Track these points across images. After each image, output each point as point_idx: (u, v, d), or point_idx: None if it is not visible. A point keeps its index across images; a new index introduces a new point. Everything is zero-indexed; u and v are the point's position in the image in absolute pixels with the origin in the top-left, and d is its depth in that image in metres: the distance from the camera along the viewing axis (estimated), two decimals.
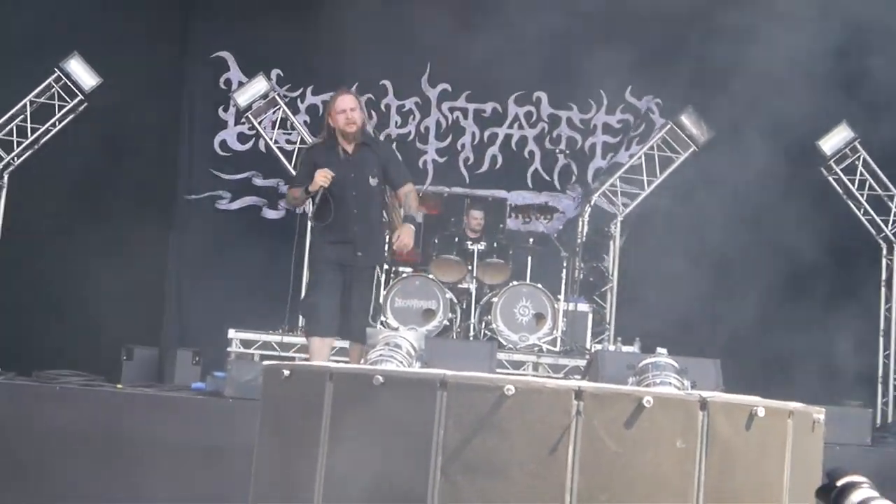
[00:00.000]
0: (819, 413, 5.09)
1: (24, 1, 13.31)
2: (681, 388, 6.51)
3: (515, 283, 11.97)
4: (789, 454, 4.68)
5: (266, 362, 6.88)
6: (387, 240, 9.28)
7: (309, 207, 8.59)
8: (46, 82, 12.38)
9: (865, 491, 3.33)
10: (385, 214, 8.81)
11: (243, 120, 13.85)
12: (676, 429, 4.37)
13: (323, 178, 8.04)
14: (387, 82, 14.64)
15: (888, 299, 12.75)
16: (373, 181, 8.29)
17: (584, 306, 12.29)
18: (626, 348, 11.55)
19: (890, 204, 12.64)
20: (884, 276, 12.81)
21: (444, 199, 13.32)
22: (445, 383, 4.48)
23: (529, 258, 12.32)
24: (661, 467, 4.39)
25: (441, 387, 4.46)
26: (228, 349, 11.11)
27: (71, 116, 12.65)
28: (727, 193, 12.85)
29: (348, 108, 8.08)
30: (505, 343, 11.44)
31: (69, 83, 12.38)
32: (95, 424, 7.49)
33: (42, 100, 12.53)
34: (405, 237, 8.26)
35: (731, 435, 4.50)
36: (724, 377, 8.94)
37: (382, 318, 10.98)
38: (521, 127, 14.66)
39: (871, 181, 12.49)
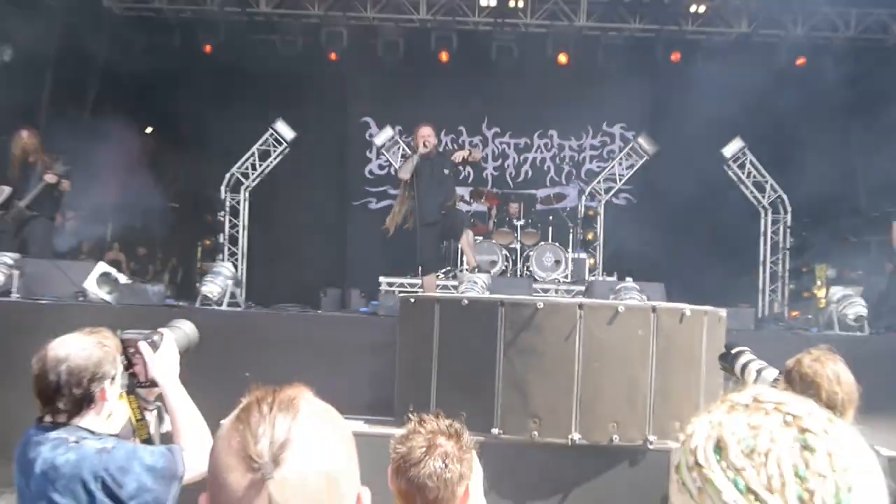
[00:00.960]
0: (723, 312, 5.50)
1: (249, 82, 14.24)
2: (640, 301, 7.36)
3: (543, 242, 12.47)
4: (704, 337, 5.18)
5: (401, 294, 7.47)
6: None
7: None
8: (264, 136, 13.21)
9: (749, 356, 4.02)
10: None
11: (380, 155, 14.99)
12: (638, 323, 4.98)
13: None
14: (462, 127, 15.64)
15: (764, 242, 13.22)
16: (446, 171, 8.77)
17: (583, 255, 12.81)
18: (608, 279, 12.04)
19: (766, 186, 13.06)
20: (762, 229, 13.30)
21: (499, 196, 13.55)
22: (504, 303, 5.07)
23: (550, 228, 12.85)
24: (629, 346, 4.98)
25: (501, 305, 5.04)
26: (380, 288, 11.49)
27: (280, 157, 13.49)
28: (669, 183, 13.45)
29: (426, 135, 8.64)
30: (537, 279, 11.70)
31: (278, 136, 13.16)
32: (305, 334, 7.44)
33: (263, 147, 13.35)
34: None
35: (670, 326, 5.05)
36: (666, 294, 9.24)
37: (466, 266, 10.61)
38: (540, 151, 15.89)
39: (754, 172, 12.95)
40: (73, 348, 2.58)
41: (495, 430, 4.93)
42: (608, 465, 4.99)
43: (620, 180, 13.98)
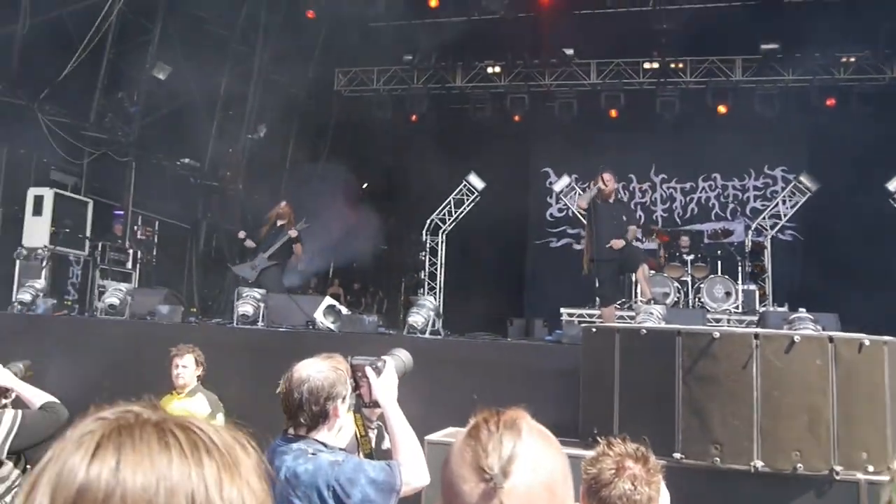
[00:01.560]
0: None
1: (447, 143, 14.49)
2: (815, 331, 6.43)
3: (713, 275, 11.66)
4: (886, 367, 4.54)
5: (583, 324, 7.15)
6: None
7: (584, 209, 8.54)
8: (459, 188, 13.43)
9: None
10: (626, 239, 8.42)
11: (558, 200, 14.95)
12: (815, 353, 4.38)
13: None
14: (632, 175, 15.28)
15: None
16: (616, 243, 8.19)
17: (753, 287, 11.88)
18: (780, 309, 10.62)
19: None
20: None
21: (668, 234, 12.71)
22: (680, 332, 4.60)
23: (719, 261, 12.01)
24: (808, 375, 4.38)
25: (678, 334, 4.59)
26: (561, 318, 11.13)
27: (472, 204, 13.61)
28: (834, 219, 12.69)
29: (607, 178, 8.27)
30: (709, 310, 10.95)
31: (470, 186, 13.34)
32: (497, 359, 6.87)
33: (458, 196, 13.59)
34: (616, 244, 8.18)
35: (849, 356, 4.45)
36: (841, 324, 8.29)
37: (641, 298, 9.92)
38: (705, 191, 15.16)
39: None
40: (313, 371, 2.62)
41: (677, 455, 4.43)
42: (793, 494, 4.37)
43: (785, 217, 12.97)
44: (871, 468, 4.29)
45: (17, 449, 3.39)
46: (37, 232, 8.91)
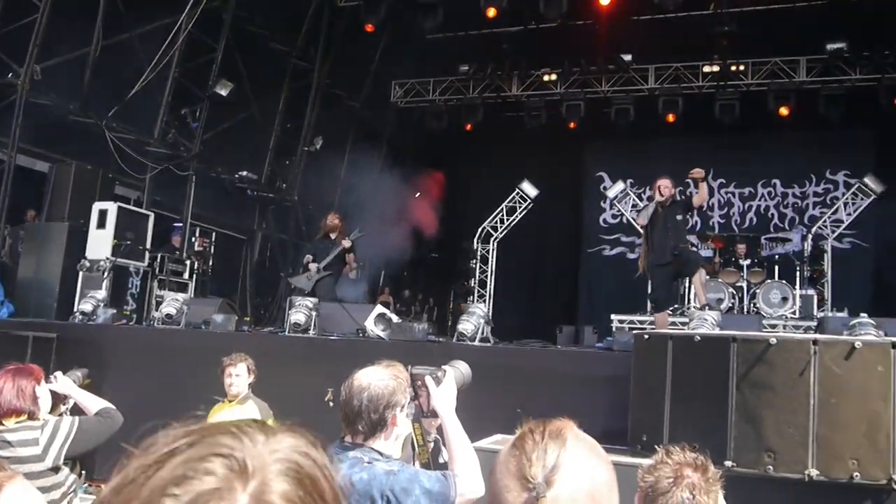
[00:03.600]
0: None
1: (501, 150, 14.82)
2: (878, 337, 6.35)
3: (769, 280, 11.32)
4: None
5: (635, 331, 6.83)
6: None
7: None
8: (512, 195, 13.30)
9: None
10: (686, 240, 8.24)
11: (612, 206, 14.74)
12: (877, 359, 4.27)
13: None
14: (689, 180, 15.75)
15: None
16: (678, 217, 8.07)
17: (811, 291, 11.55)
18: (839, 315, 10.34)
19: None
20: None
21: (724, 239, 12.36)
22: (735, 339, 4.52)
23: (776, 266, 11.67)
24: (869, 382, 4.26)
25: (733, 341, 4.50)
26: (612, 325, 10.93)
27: (525, 211, 13.44)
28: None
29: (664, 185, 8.09)
30: (765, 315, 10.51)
31: (523, 194, 13.23)
32: (546, 367, 6.88)
33: (510, 204, 13.44)
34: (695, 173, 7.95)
35: None
36: None
37: (695, 304, 9.96)
38: (764, 199, 14.82)
39: None
40: (374, 379, 2.61)
41: (728, 463, 4.32)
42: (849, 503, 4.27)
43: (846, 221, 12.57)
44: None
45: (73, 455, 3.44)
46: (100, 244, 9.17)
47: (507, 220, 13.60)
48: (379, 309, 7.60)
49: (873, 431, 4.22)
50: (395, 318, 7.53)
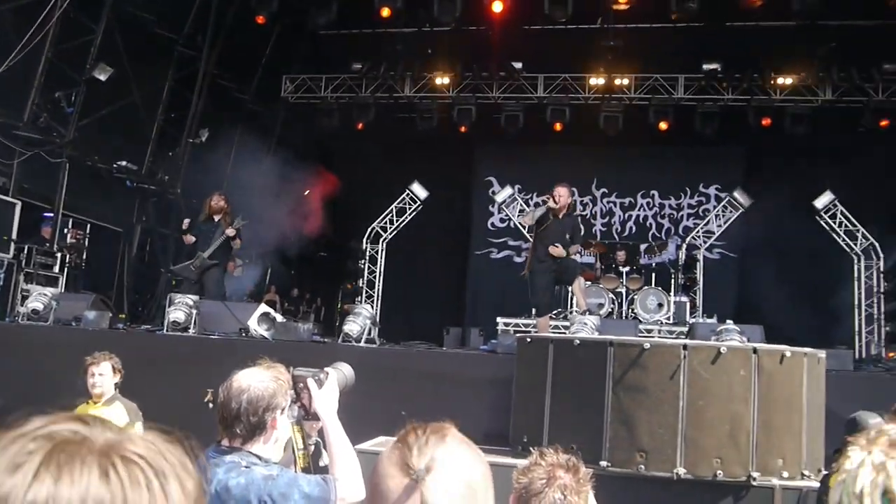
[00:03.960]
0: (822, 354, 4.96)
1: (392, 151, 14.61)
2: (741, 343, 6.61)
3: (646, 287, 11.88)
4: (805, 377, 4.64)
5: (518, 334, 7.11)
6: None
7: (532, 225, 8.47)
8: (402, 196, 13.41)
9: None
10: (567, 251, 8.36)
11: (500, 210, 14.86)
12: (740, 364, 4.47)
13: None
14: (574, 188, 15.77)
15: (858, 287, 12.40)
16: (555, 250, 8.18)
17: (684, 299, 12.10)
18: (709, 321, 10.90)
19: (857, 235, 12.32)
20: (855, 275, 12.50)
21: (606, 246, 12.94)
22: (612, 343, 4.65)
23: (653, 273, 12.24)
24: (732, 385, 4.45)
25: (610, 345, 4.62)
26: (497, 327, 11.05)
27: (414, 213, 13.58)
28: (765, 235, 12.98)
29: (558, 193, 8.14)
30: (642, 321, 11.08)
31: (413, 195, 13.32)
32: (431, 368, 7.01)
33: (400, 205, 13.56)
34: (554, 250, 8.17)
35: (771, 367, 4.52)
36: (766, 336, 8.35)
37: (576, 309, 9.65)
38: (643, 210, 15.47)
39: (846, 222, 12.26)
40: (254, 380, 2.54)
41: (603, 463, 4.47)
42: (712, 500, 4.44)
43: (716, 233, 13.36)
44: (786, 474, 4.41)
45: None
46: None
47: (397, 220, 13.61)
48: (263, 308, 7.44)
49: (735, 432, 4.43)
50: (279, 318, 7.38)
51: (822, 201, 11.97)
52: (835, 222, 12.23)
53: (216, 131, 13.31)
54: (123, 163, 11.89)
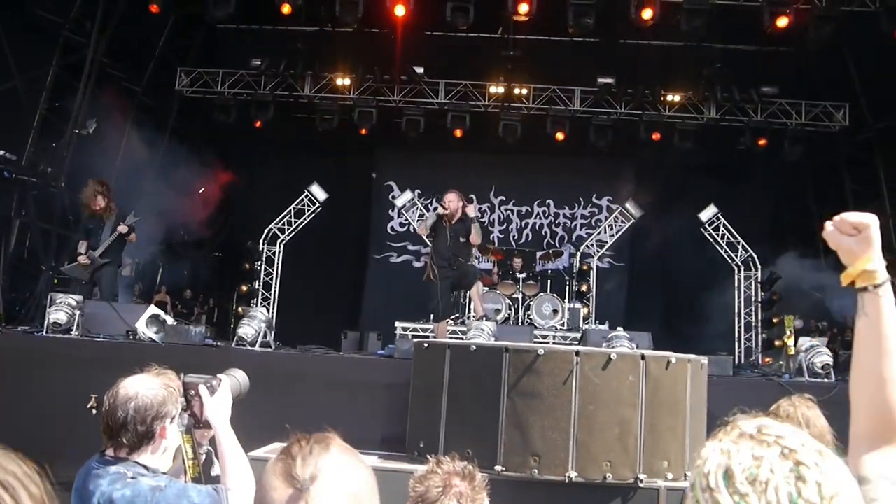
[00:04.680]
0: (704, 360, 5.16)
1: (291, 152, 14.52)
2: (631, 349, 6.82)
3: (542, 293, 12.05)
4: (689, 382, 4.80)
5: (415, 339, 6.63)
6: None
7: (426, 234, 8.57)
8: (301, 197, 13.13)
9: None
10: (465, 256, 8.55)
11: (400, 215, 14.98)
12: (629, 370, 4.60)
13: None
14: (472, 195, 15.01)
15: (738, 296, 13.00)
16: (461, 239, 8.31)
17: (578, 305, 12.29)
18: (601, 327, 11.33)
19: (738, 246, 12.89)
20: (736, 284, 13.11)
21: (504, 252, 12.97)
22: (508, 349, 4.69)
23: (549, 280, 12.51)
24: (621, 390, 4.58)
25: (506, 351, 4.67)
26: (395, 332, 10.94)
27: (313, 214, 13.31)
28: (653, 246, 13.57)
29: (447, 199, 8.30)
30: (537, 326, 11.27)
31: (312, 197, 13.06)
32: (328, 373, 6.94)
33: (299, 206, 13.26)
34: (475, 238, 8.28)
35: (658, 373, 4.67)
36: (653, 343, 8.64)
37: (474, 314, 9.82)
38: (539, 218, 15.86)
39: (728, 234, 12.79)
40: (142, 388, 2.47)
41: (498, 467, 4.51)
42: (602, 501, 4.56)
43: (609, 243, 13.74)
44: (670, 475, 4.57)
45: None
46: None
47: (296, 222, 13.37)
48: (152, 310, 7.13)
49: (624, 435, 4.57)
50: (170, 320, 7.09)
51: (706, 214, 12.48)
52: (718, 234, 12.80)
53: (105, 123, 12.66)
54: (1, 152, 11.14)
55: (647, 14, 11.21)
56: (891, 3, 11.06)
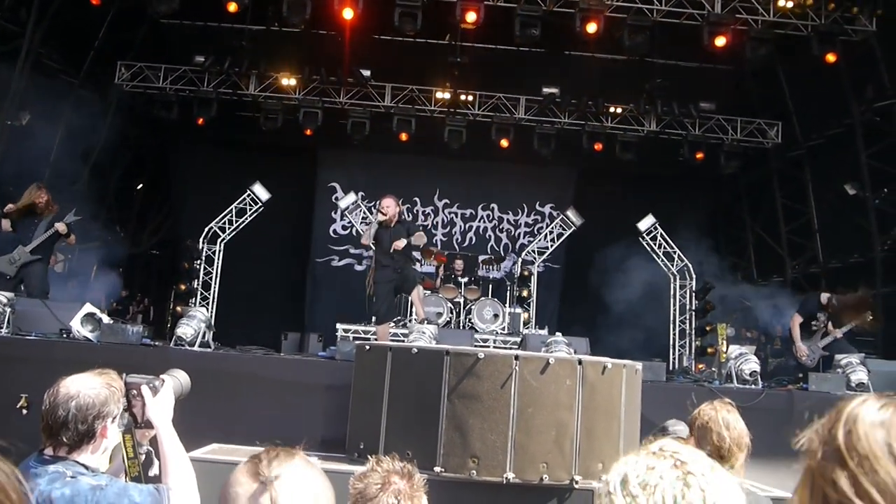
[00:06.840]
0: (639, 366, 5.23)
1: (234, 150, 14.45)
2: (569, 354, 6.93)
3: (483, 298, 12.09)
4: (623, 387, 4.92)
5: (357, 342, 7.02)
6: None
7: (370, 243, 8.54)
8: (243, 196, 13.01)
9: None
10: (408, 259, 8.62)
11: (343, 217, 14.80)
12: (566, 374, 4.67)
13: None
14: (417, 198, 15.64)
15: (673, 304, 13.34)
16: (399, 243, 8.23)
17: (519, 310, 12.42)
18: (540, 332, 11.34)
19: (674, 256, 13.22)
20: (671, 293, 13.45)
21: (447, 256, 13.01)
22: (449, 352, 4.72)
23: (490, 285, 12.57)
24: (559, 394, 4.66)
25: (447, 354, 4.70)
26: (337, 334, 10.91)
27: (255, 214, 13.20)
28: (592, 254, 13.44)
29: (384, 205, 8.36)
30: (478, 330, 11.35)
31: (254, 196, 12.95)
32: (268, 374, 6.80)
33: (240, 205, 13.12)
34: (398, 243, 8.22)
35: (594, 377, 4.76)
36: (590, 348, 9.15)
37: (415, 317, 9.94)
38: (483, 221, 15.95)
39: (665, 244, 13.15)
40: (84, 387, 2.45)
41: (437, 469, 4.55)
42: (538, 502, 4.64)
43: (550, 248, 13.93)
44: (605, 477, 4.55)
45: None
46: None
47: (237, 221, 13.21)
48: (87, 308, 6.93)
49: (561, 438, 4.66)
50: (105, 319, 6.91)
51: (644, 224, 12.80)
52: (655, 244, 13.13)
53: (40, 115, 12.28)
54: None
55: (591, 28, 11.47)
56: (822, 28, 11.54)
